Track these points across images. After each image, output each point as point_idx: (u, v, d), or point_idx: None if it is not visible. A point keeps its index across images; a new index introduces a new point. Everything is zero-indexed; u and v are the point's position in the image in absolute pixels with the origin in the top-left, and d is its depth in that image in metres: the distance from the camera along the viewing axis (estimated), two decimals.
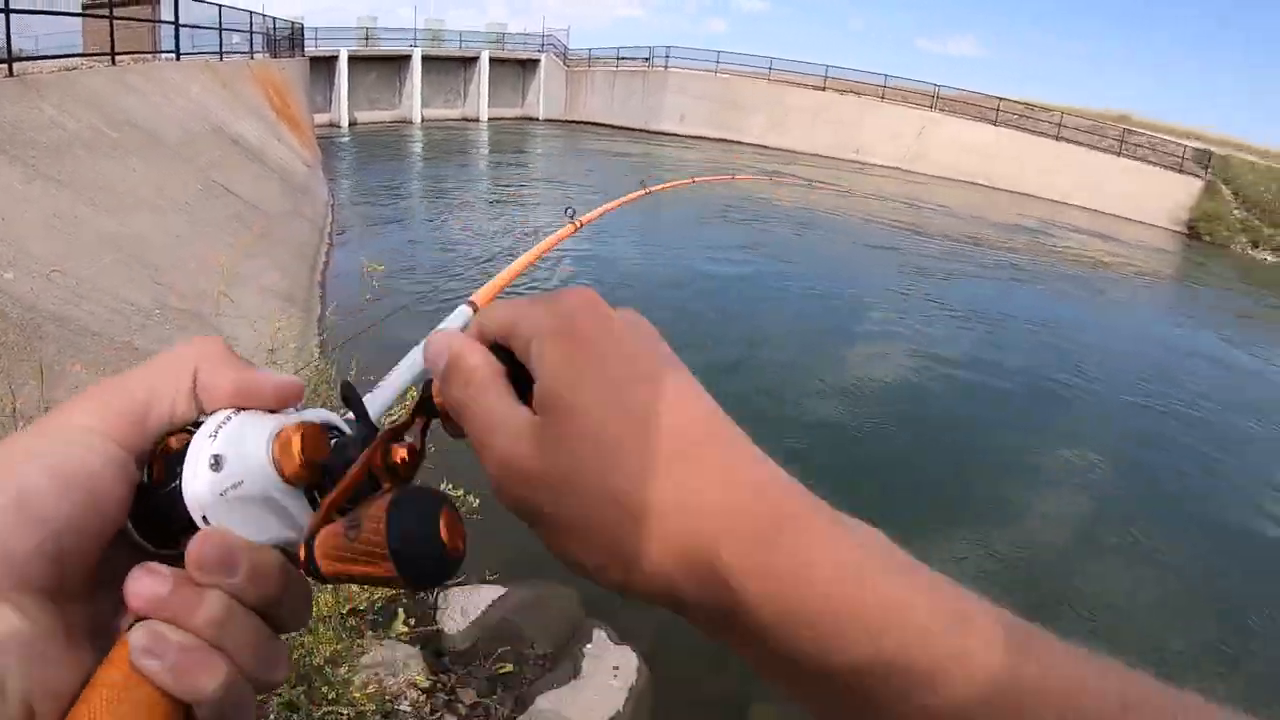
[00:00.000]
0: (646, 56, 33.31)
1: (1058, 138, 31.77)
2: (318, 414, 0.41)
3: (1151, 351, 12.90)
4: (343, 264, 10.14)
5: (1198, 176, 30.17)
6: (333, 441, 0.39)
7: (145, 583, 0.34)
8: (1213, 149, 32.36)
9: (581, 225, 2.29)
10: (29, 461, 0.35)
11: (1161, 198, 29.55)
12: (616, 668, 3.93)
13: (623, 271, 11.72)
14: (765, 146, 32.13)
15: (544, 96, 30.45)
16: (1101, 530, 6.93)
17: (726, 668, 4.19)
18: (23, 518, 0.33)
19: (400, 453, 0.39)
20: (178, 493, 0.36)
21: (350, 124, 22.42)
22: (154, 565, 0.35)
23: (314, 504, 0.38)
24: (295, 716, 2.48)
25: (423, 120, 24.66)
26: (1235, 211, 28.94)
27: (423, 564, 0.35)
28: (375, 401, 0.61)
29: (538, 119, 30.10)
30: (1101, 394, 10.14)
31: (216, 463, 0.36)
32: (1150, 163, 30.82)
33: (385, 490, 0.37)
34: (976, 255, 17.88)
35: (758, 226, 16.95)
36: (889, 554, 0.34)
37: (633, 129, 30.91)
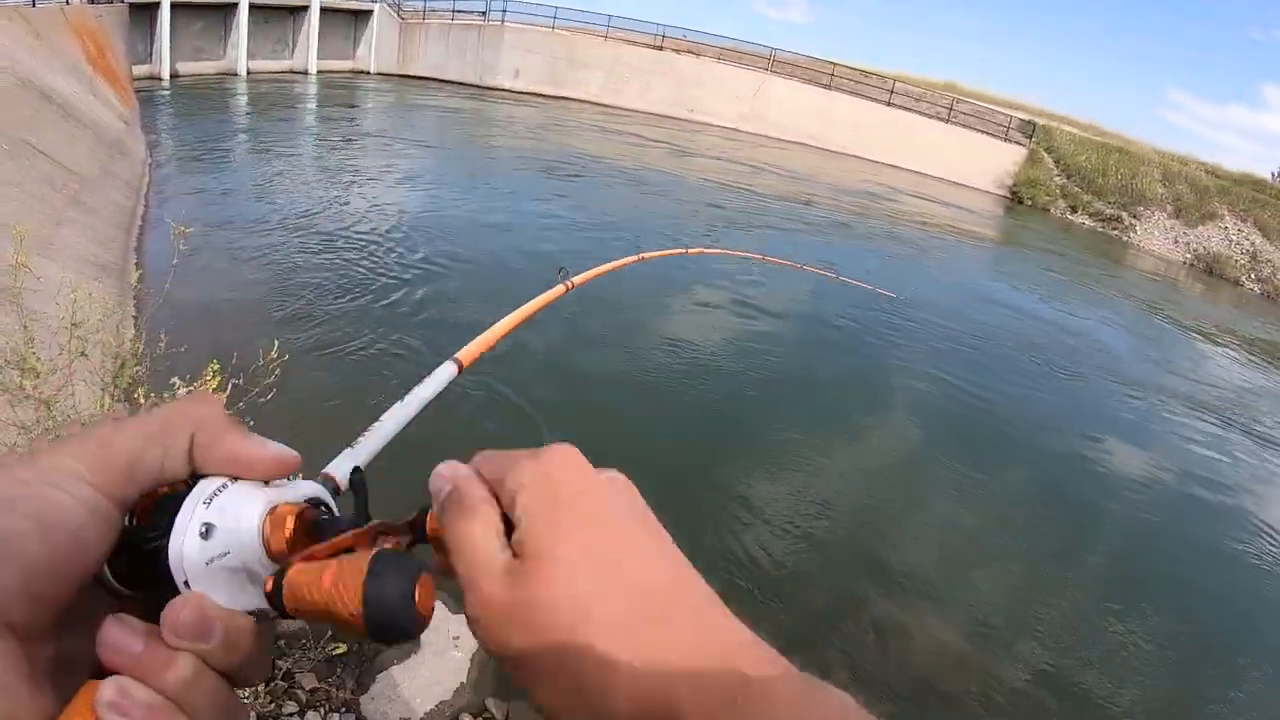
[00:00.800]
0: (483, 10, 33.09)
1: (889, 104, 33.95)
2: (307, 488, 0.43)
3: (970, 305, 14.34)
4: (160, 226, 10.05)
5: (1022, 145, 33.24)
6: (320, 520, 0.42)
7: (119, 637, 0.35)
8: (1037, 120, 35.40)
9: (573, 286, 2.22)
10: (14, 505, 0.34)
11: (987, 164, 32.55)
12: (457, 637, 3.90)
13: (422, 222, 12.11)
14: (601, 104, 32.72)
15: (376, 49, 29.88)
16: (924, 474, 7.89)
17: None
18: (4, 561, 0.33)
19: (388, 545, 0.42)
20: (162, 551, 0.37)
21: (172, 76, 21.54)
22: (127, 619, 0.36)
23: None
24: None
25: (249, 73, 23.86)
26: (1056, 179, 32.16)
27: (391, 627, 0.37)
28: (358, 456, 0.65)
29: (369, 72, 29.56)
30: (921, 345, 11.37)
31: (207, 531, 0.37)
32: (977, 130, 33.61)
33: (364, 550, 0.40)
34: (806, 214, 19.10)
35: (583, 182, 17.54)
36: None
37: (467, 84, 30.93)
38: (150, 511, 0.39)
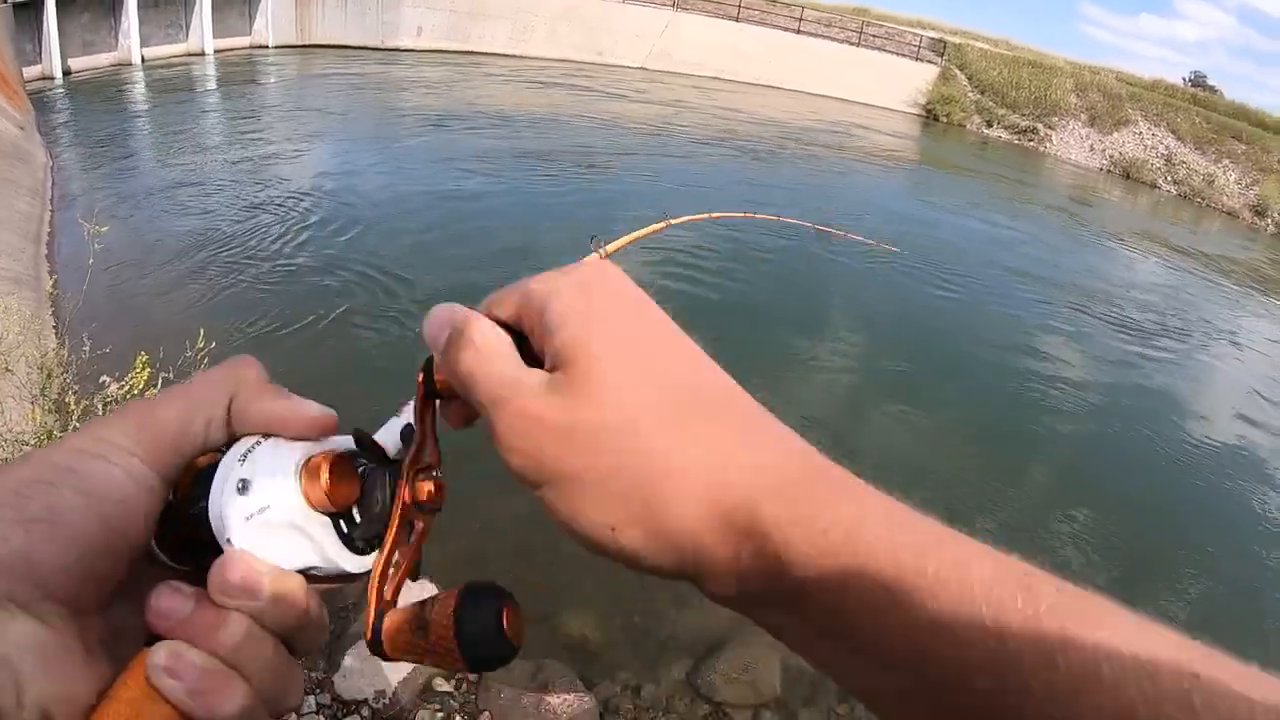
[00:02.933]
0: None
1: (799, 31, 34.04)
2: (346, 441, 0.42)
3: (893, 222, 14.75)
4: (69, 231, 10.02)
5: (934, 64, 33.78)
6: (360, 470, 0.40)
7: (168, 601, 0.35)
8: (948, 38, 36.03)
9: (606, 255, 2.07)
10: (62, 478, 0.34)
11: (900, 85, 32.82)
12: None
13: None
14: (510, 55, 32.39)
15: (273, 22, 29.13)
16: (867, 383, 8.49)
17: (548, 592, 4.68)
18: (54, 534, 0.33)
19: (426, 488, 0.40)
20: (204, 513, 0.37)
21: (65, 74, 20.91)
22: (177, 584, 0.36)
23: (339, 530, 0.38)
24: None
25: (144, 60, 23.26)
26: (970, 95, 32.70)
27: (489, 659, 0.35)
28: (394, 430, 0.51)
29: (268, 47, 28.97)
30: (850, 266, 11.95)
31: (244, 487, 0.37)
32: (888, 52, 34.02)
33: (449, 591, 0.37)
34: (724, 145, 19.24)
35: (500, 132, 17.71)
36: (928, 519, 0.32)
37: (369, 48, 30.40)
38: (191, 484, 0.40)
